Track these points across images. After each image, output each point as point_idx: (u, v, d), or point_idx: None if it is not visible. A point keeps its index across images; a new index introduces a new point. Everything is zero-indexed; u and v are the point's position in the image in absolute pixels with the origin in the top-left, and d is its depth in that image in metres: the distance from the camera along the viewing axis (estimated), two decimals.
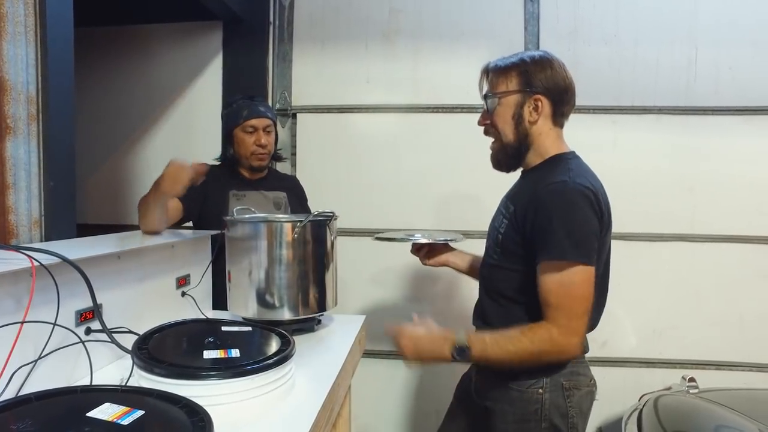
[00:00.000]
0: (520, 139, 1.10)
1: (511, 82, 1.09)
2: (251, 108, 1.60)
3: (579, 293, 1.00)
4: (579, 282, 1.00)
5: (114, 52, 2.31)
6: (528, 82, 1.07)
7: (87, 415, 0.62)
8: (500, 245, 1.14)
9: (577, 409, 1.09)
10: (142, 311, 1.11)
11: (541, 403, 1.08)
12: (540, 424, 1.08)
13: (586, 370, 1.14)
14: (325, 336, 1.28)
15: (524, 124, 1.09)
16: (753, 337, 2.06)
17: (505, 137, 1.12)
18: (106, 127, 2.35)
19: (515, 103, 1.09)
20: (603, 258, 1.10)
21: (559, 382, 1.08)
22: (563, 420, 1.08)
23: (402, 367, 2.19)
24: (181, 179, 1.17)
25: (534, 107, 1.08)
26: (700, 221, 2.07)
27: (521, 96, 1.08)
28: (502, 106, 1.10)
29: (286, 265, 1.18)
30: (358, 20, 2.18)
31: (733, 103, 2.04)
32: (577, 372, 1.11)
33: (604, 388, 2.10)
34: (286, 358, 0.86)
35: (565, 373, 1.09)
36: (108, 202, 2.37)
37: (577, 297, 1.00)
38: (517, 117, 1.09)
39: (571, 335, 1.00)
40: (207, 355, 0.83)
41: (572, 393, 1.09)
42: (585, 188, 1.02)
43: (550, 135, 1.11)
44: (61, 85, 1.09)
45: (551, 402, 1.08)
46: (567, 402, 1.08)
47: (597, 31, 2.09)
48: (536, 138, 1.11)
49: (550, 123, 1.11)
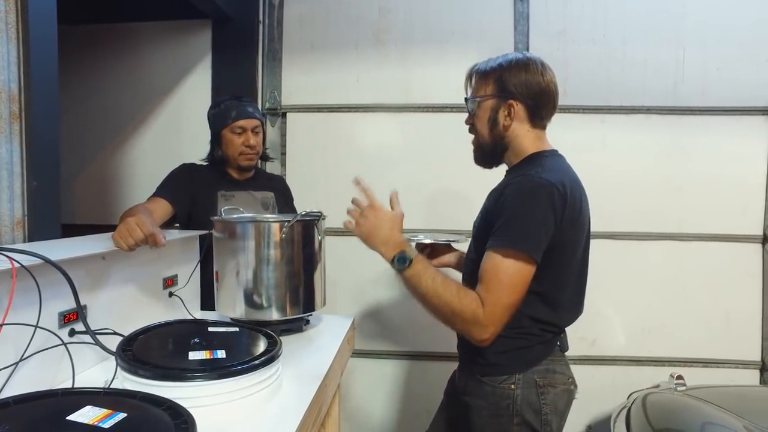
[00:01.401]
0: (495, 141, 1.14)
1: (487, 88, 1.13)
2: (239, 109, 1.59)
3: (509, 282, 1.00)
4: (513, 272, 1.00)
5: (101, 50, 2.29)
6: (502, 88, 1.11)
7: (67, 418, 0.61)
8: (475, 239, 1.17)
9: (552, 406, 1.09)
10: (129, 312, 1.10)
11: (512, 398, 1.08)
12: (512, 419, 1.09)
13: (564, 368, 1.14)
14: (313, 336, 1.27)
15: (498, 127, 1.13)
16: (738, 334, 2.09)
17: (482, 138, 1.16)
18: (93, 127, 2.32)
19: (491, 108, 1.13)
20: (573, 255, 1.10)
21: (532, 379, 1.09)
22: (536, 416, 1.08)
23: (393, 367, 2.19)
24: (134, 236, 1.02)
25: (507, 113, 1.11)
26: (687, 220, 2.09)
27: (496, 101, 1.12)
28: (480, 110, 1.14)
29: (274, 265, 1.17)
30: (348, 20, 2.18)
31: (720, 103, 2.06)
32: (552, 370, 1.11)
33: (593, 386, 2.14)
34: (273, 358, 0.86)
35: (539, 370, 1.09)
36: (97, 202, 2.35)
37: (507, 285, 1.00)
38: (492, 121, 1.13)
39: (489, 323, 1.00)
40: (192, 356, 0.82)
41: (546, 390, 1.09)
42: (549, 183, 1.02)
43: (527, 136, 1.13)
44: (45, 84, 1.08)
45: (523, 398, 1.08)
46: (540, 399, 1.08)
47: (586, 31, 2.10)
48: (513, 140, 1.14)
49: (527, 125, 1.13)
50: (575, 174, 1.14)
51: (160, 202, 1.46)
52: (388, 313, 2.19)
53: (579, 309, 1.18)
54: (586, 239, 1.17)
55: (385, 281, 2.19)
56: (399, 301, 2.18)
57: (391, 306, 2.18)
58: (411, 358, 2.19)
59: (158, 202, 1.46)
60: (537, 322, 1.09)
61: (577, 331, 2.10)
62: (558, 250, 1.05)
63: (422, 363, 2.17)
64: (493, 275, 1.01)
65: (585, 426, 2.15)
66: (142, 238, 1.01)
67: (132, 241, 1.00)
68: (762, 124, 2.06)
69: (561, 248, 1.06)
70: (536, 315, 1.09)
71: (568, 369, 1.15)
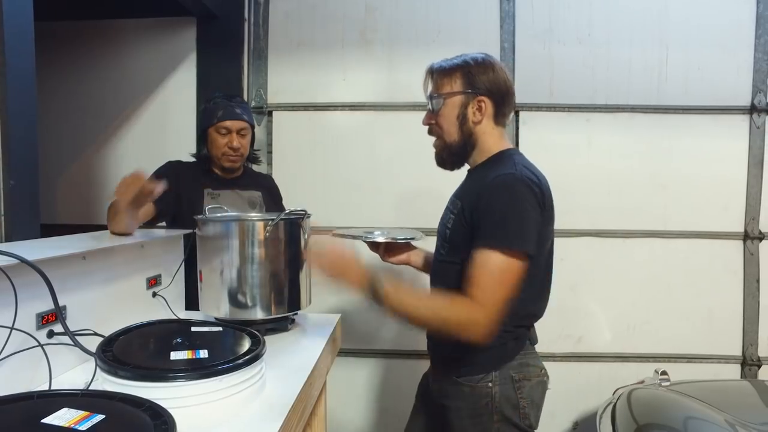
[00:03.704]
0: (465, 139, 1.13)
1: (455, 83, 1.11)
2: (227, 109, 1.57)
3: (508, 281, 1.00)
4: (511, 271, 1.00)
5: (84, 47, 2.25)
6: (472, 84, 1.10)
7: (42, 421, 0.60)
8: (449, 241, 1.16)
9: (529, 399, 1.11)
10: (111, 313, 1.08)
11: (491, 396, 1.09)
12: (492, 417, 1.09)
13: (536, 361, 1.15)
14: (298, 335, 1.26)
15: (468, 123, 1.12)
16: (720, 330, 2.12)
17: (449, 137, 1.14)
18: (77, 125, 2.29)
19: (460, 104, 1.11)
20: (545, 250, 1.11)
21: (508, 374, 1.10)
22: (515, 411, 1.10)
23: (380, 366, 2.19)
24: (133, 186, 1.15)
25: (478, 108, 1.11)
26: (671, 218, 2.12)
27: (465, 97, 1.11)
28: (446, 107, 1.12)
29: (259, 265, 1.16)
30: (334, 18, 2.17)
31: (702, 102, 2.10)
32: (526, 363, 1.12)
33: (580, 383, 2.17)
34: (256, 357, 0.85)
35: (513, 365, 1.11)
36: (80, 201, 2.31)
37: (503, 283, 1.00)
38: (462, 117, 1.12)
39: (489, 322, 0.99)
40: (174, 356, 0.81)
41: (522, 384, 1.10)
42: (530, 180, 1.04)
43: (493, 134, 1.14)
44: (21, 81, 1.06)
45: (501, 395, 1.09)
46: (518, 393, 1.10)
47: (571, 31, 2.12)
48: (480, 137, 1.13)
49: (492, 123, 1.14)
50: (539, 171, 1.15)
51: None
52: (374, 312, 2.18)
53: (546, 303, 1.19)
54: (552, 242, 1.18)
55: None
56: None
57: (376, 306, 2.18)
58: (398, 356, 2.19)
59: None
60: (511, 317, 1.09)
61: (564, 329, 2.16)
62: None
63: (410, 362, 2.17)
64: (488, 277, 1.00)
65: (572, 423, 2.17)
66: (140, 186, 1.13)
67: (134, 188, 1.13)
68: (742, 123, 2.10)
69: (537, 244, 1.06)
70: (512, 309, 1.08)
71: (540, 361, 1.17)
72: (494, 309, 0.99)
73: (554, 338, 2.15)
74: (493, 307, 0.99)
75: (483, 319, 0.99)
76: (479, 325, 0.99)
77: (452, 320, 1.01)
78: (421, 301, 1.05)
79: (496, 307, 0.99)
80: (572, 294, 2.14)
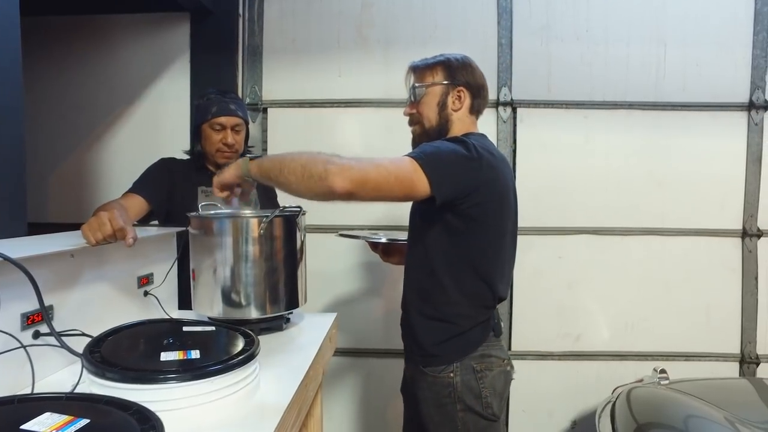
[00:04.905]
0: (441, 124, 1.21)
1: (437, 75, 1.21)
2: (221, 105, 1.55)
3: (389, 166, 0.98)
4: (401, 166, 0.99)
5: (76, 43, 2.21)
6: (452, 76, 1.20)
7: (22, 427, 0.57)
8: (412, 229, 1.24)
9: (491, 389, 1.15)
10: (100, 313, 1.06)
11: (453, 386, 1.14)
12: (455, 405, 1.14)
13: (498, 352, 1.19)
14: (294, 334, 1.24)
15: (447, 110, 1.21)
16: (718, 328, 2.11)
17: (428, 122, 1.22)
18: (68, 122, 2.25)
19: (441, 93, 1.21)
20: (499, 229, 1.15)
21: (469, 365, 1.14)
22: (477, 400, 1.14)
23: (377, 365, 2.16)
24: (104, 230, 0.99)
25: (457, 97, 1.20)
26: (669, 215, 2.11)
27: (446, 87, 1.20)
28: (428, 95, 1.21)
29: (253, 263, 1.13)
30: (330, 14, 2.14)
31: (700, 99, 2.08)
32: (488, 354, 1.16)
33: (578, 382, 2.15)
34: (250, 358, 0.83)
35: (475, 356, 1.15)
36: (72, 200, 2.27)
37: (385, 165, 0.98)
38: (441, 104, 1.20)
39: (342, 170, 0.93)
40: (165, 357, 0.78)
41: (484, 374, 1.14)
42: (474, 144, 1.08)
43: (465, 122, 1.23)
44: (6, 77, 1.02)
45: (463, 384, 1.14)
46: (479, 383, 1.14)
47: (569, 27, 2.10)
48: (454, 123, 1.22)
49: (467, 112, 1.23)
50: (501, 154, 1.22)
51: (134, 199, 1.40)
52: (369, 309, 2.16)
53: (506, 286, 1.24)
54: (513, 224, 1.22)
55: (367, 278, 2.17)
56: (381, 297, 2.16)
57: (372, 303, 2.16)
58: (393, 356, 2.17)
59: (133, 198, 1.41)
60: (466, 297, 1.14)
61: (562, 328, 2.14)
62: (481, 219, 1.10)
63: None
64: (381, 158, 1.00)
65: (570, 421, 2.15)
66: (111, 234, 0.97)
67: (100, 236, 0.96)
68: (741, 119, 2.09)
69: (484, 217, 1.10)
70: (465, 287, 1.14)
71: (503, 352, 1.22)
72: (356, 165, 0.95)
73: (552, 337, 2.13)
74: (356, 164, 0.95)
75: (339, 165, 0.94)
76: (331, 172, 0.93)
77: (310, 164, 0.95)
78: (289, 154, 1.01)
79: (359, 165, 0.95)
80: (570, 292, 2.13)
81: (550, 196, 2.10)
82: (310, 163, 0.95)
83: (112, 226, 0.97)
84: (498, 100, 2.08)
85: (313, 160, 0.96)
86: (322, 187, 0.94)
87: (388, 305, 2.13)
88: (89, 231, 0.97)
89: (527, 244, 2.06)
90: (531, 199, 2.03)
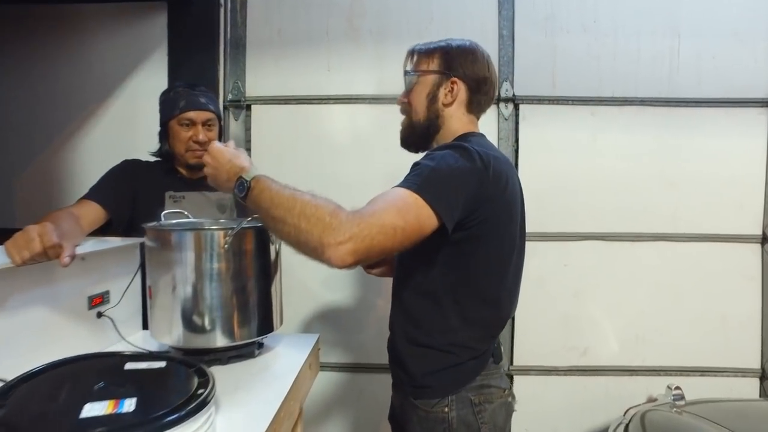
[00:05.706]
0: (430, 119, 1.08)
1: (432, 63, 1.08)
2: (189, 98, 1.40)
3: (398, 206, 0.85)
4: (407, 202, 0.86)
5: (43, 34, 2.06)
6: (448, 65, 1.07)
7: None
8: None
9: (491, 424, 1.02)
10: (38, 343, 0.91)
11: (448, 422, 1.00)
12: None
13: (499, 381, 1.06)
14: (269, 362, 1.09)
15: (437, 104, 1.07)
16: (736, 340, 1.97)
17: (416, 115, 1.09)
18: (37, 121, 2.10)
19: (432, 83, 1.07)
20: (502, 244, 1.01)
21: (466, 397, 1.00)
22: None
23: (361, 381, 2.01)
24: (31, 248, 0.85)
25: (450, 90, 1.07)
26: (682, 220, 1.97)
27: (439, 77, 1.07)
28: (419, 84, 1.09)
29: (218, 281, 0.99)
30: (319, 3, 2.00)
31: (717, 94, 1.94)
32: (487, 385, 1.03)
33: (586, 398, 2.01)
34: (201, 406, 0.67)
35: (472, 387, 1.01)
36: (41, 204, 2.12)
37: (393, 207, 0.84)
38: (432, 96, 1.07)
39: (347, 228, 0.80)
40: (87, 411, 0.63)
41: (483, 408, 1.01)
42: (476, 151, 0.94)
43: (461, 120, 1.09)
44: None
45: (459, 420, 1.00)
46: (478, 418, 1.00)
47: (575, 17, 1.96)
48: (447, 120, 1.08)
49: (464, 109, 1.09)
50: (506, 157, 1.07)
51: (89, 206, 1.25)
52: (353, 321, 2.01)
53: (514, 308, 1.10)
54: (521, 236, 1.07)
55: (355, 285, 2.02)
56: (373, 306, 2.01)
57: (362, 313, 2.01)
58: (377, 370, 2.02)
59: (88, 205, 1.26)
60: (469, 324, 0.99)
61: (568, 340, 2.00)
62: (487, 235, 0.96)
63: None
64: (381, 197, 0.87)
65: None
66: (40, 252, 0.81)
67: (27, 255, 0.81)
68: (760, 116, 1.95)
69: (490, 232, 0.95)
70: (469, 312, 0.98)
71: (504, 381, 1.08)
72: (363, 219, 0.82)
73: (557, 350, 1.99)
74: (362, 217, 0.82)
75: (345, 221, 0.81)
76: (334, 229, 0.80)
77: (312, 216, 0.82)
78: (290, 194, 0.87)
79: (366, 218, 0.82)
80: (576, 302, 1.99)
81: (554, 199, 1.96)
82: (306, 227, 0.82)
83: (42, 243, 0.81)
84: (499, 96, 1.93)
85: (308, 229, 0.81)
86: (318, 259, 0.82)
87: (381, 314, 1.98)
88: (13, 249, 0.82)
89: (530, 251, 1.86)
90: (534, 202, 1.86)
